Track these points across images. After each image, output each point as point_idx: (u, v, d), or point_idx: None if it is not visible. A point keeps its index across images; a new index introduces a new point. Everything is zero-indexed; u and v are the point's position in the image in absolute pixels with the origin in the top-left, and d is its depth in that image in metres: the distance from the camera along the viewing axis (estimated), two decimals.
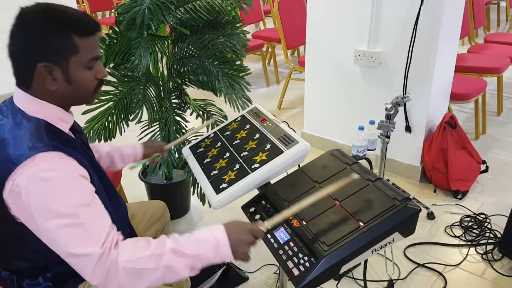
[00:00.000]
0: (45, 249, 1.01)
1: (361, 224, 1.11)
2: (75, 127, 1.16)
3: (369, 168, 1.37)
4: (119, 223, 1.11)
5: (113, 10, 5.98)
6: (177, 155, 2.14)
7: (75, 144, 1.08)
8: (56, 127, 1.05)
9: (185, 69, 2.04)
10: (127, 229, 1.31)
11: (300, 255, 1.10)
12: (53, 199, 0.94)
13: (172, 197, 2.29)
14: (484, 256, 2.06)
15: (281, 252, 1.14)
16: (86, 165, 1.05)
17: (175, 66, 2.05)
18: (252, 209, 1.32)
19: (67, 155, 0.99)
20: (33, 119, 1.02)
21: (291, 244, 1.14)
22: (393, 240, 1.13)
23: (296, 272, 1.07)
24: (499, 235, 2.16)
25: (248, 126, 1.59)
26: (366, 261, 1.52)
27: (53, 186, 0.94)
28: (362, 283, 1.88)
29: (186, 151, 1.65)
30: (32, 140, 0.97)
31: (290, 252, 1.12)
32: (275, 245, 1.17)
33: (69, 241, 0.95)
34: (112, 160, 1.48)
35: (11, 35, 1.01)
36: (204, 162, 1.52)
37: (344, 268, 1.09)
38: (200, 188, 2.16)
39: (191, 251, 1.00)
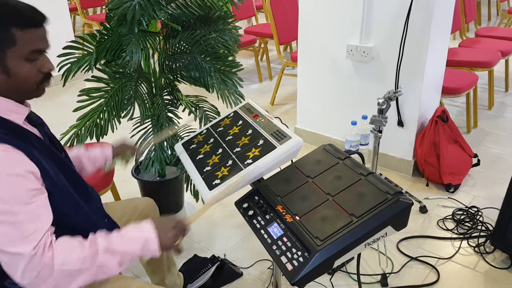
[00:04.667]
0: None
1: (354, 218, 1.11)
2: (33, 119, 1.14)
3: (362, 163, 1.38)
4: (94, 214, 1.14)
5: (104, 6, 5.92)
6: (170, 152, 2.14)
7: (27, 136, 1.06)
8: (6, 118, 1.03)
9: (177, 65, 2.02)
10: (104, 219, 1.30)
11: (294, 250, 1.10)
12: None
13: (165, 194, 2.29)
14: (476, 249, 2.08)
15: (274, 247, 1.14)
16: (38, 158, 1.03)
17: (166, 62, 2.04)
18: (245, 205, 1.32)
19: (14, 148, 0.98)
20: None
21: (285, 239, 1.14)
22: (386, 234, 1.13)
23: (289, 267, 1.07)
24: (491, 228, 2.18)
25: (240, 122, 1.58)
26: (359, 255, 1.53)
27: None
28: (355, 277, 1.89)
29: (178, 148, 1.64)
30: None
31: (283, 247, 1.12)
32: (269, 241, 1.17)
33: (2, 237, 0.94)
34: (81, 164, 1.43)
35: None
36: (197, 158, 1.51)
37: (337, 263, 1.09)
38: (194, 185, 2.16)
39: (121, 249, 1.05)
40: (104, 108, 1.94)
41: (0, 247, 0.94)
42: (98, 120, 1.94)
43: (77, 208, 1.14)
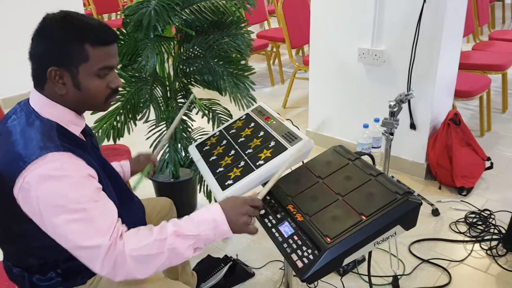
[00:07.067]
0: (53, 244, 1.04)
1: (363, 217, 1.14)
2: (86, 130, 1.19)
3: (372, 164, 1.40)
4: (132, 224, 1.13)
5: (119, 12, 6.03)
6: (183, 154, 2.18)
7: (85, 147, 1.11)
8: (67, 129, 1.09)
9: (191, 69, 2.07)
10: None
11: (304, 248, 1.12)
12: (61, 195, 0.98)
13: (179, 195, 2.33)
14: (488, 251, 2.07)
15: (285, 245, 1.17)
16: (95, 166, 1.08)
17: (181, 67, 2.09)
18: None
19: (76, 156, 1.03)
20: (46, 120, 1.06)
21: (295, 237, 1.17)
22: (395, 233, 1.15)
23: (300, 264, 1.09)
24: (503, 231, 2.17)
25: (252, 124, 1.61)
26: (370, 256, 1.54)
27: (61, 184, 0.98)
28: (367, 278, 1.90)
29: (192, 150, 1.68)
30: (43, 141, 1.02)
31: (294, 246, 1.15)
32: (280, 239, 1.19)
33: (78, 235, 0.99)
34: None
35: (32, 38, 1.06)
36: (210, 159, 1.55)
37: (347, 260, 1.11)
38: (207, 186, 2.19)
39: (191, 232, 1.07)
40: (121, 111, 1.99)
41: (78, 244, 0.99)
42: (115, 122, 1.99)
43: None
